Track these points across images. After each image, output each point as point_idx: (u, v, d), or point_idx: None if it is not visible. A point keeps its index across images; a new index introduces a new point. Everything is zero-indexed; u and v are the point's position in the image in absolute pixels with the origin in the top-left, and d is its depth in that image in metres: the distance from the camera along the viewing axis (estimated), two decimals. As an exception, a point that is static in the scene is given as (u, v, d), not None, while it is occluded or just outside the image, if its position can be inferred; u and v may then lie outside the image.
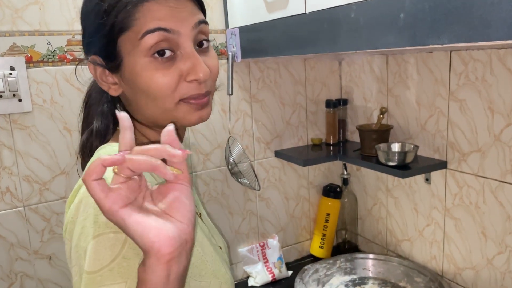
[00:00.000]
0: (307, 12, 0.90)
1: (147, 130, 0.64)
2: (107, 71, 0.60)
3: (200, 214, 0.72)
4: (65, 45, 1.02)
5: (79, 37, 1.03)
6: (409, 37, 0.66)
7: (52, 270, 1.07)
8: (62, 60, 1.02)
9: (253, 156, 1.32)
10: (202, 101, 0.60)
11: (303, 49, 0.93)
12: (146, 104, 0.59)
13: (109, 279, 0.47)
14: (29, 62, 0.99)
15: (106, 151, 0.60)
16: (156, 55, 0.56)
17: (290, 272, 1.36)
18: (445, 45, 0.62)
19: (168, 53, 0.56)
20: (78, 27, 1.03)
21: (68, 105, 1.04)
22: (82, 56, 0.97)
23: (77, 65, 0.75)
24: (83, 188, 0.52)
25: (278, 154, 1.35)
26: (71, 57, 1.03)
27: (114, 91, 0.61)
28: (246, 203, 1.34)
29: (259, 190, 1.23)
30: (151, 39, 0.55)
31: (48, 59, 1.01)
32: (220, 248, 0.74)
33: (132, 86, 0.58)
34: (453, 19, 0.59)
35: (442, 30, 0.61)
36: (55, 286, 1.08)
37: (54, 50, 1.01)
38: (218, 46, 1.22)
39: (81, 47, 0.64)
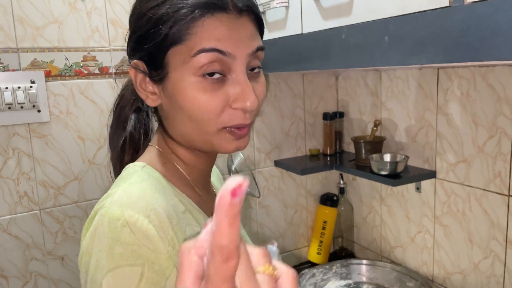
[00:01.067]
0: (303, 32, 0.98)
1: (179, 149, 0.61)
2: (148, 79, 0.57)
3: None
4: (81, 61, 1.11)
5: (93, 53, 1.12)
6: (392, 57, 0.74)
7: (64, 270, 1.14)
8: (78, 75, 1.11)
9: (253, 165, 1.39)
10: (244, 132, 0.56)
11: (300, 66, 1.01)
12: (184, 122, 0.56)
13: None
14: (48, 76, 1.08)
15: (140, 176, 0.55)
16: (206, 75, 0.53)
17: (288, 277, 1.42)
18: (425, 65, 0.70)
19: (218, 75, 0.53)
20: (93, 44, 1.12)
21: (82, 116, 1.13)
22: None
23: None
24: (98, 216, 0.49)
25: (278, 163, 1.42)
26: (86, 72, 1.12)
27: (151, 101, 0.58)
28: (246, 210, 1.41)
29: (259, 197, 1.30)
30: (204, 59, 0.52)
31: (65, 73, 1.10)
32: None
33: (173, 102, 0.55)
34: (429, 42, 0.67)
35: (421, 51, 0.69)
36: (67, 286, 1.15)
37: (71, 65, 1.10)
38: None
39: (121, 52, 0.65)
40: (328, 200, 1.47)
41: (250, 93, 0.53)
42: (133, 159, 0.64)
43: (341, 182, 1.48)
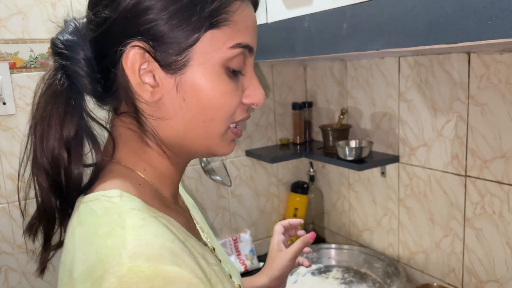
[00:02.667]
0: (268, 22, 1.01)
1: (157, 158, 0.51)
2: (156, 67, 0.46)
3: (214, 248, 0.61)
4: (47, 52, 1.10)
5: None
6: (351, 43, 0.78)
7: (34, 264, 1.13)
8: (44, 66, 1.10)
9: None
10: (240, 130, 0.53)
11: (266, 55, 1.04)
12: (194, 122, 0.48)
13: None
14: (13, 68, 1.06)
15: (134, 213, 0.43)
16: (229, 69, 0.47)
17: (261, 264, 1.45)
18: (386, 50, 0.73)
19: (237, 71, 0.49)
20: None
21: None
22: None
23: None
24: (112, 277, 0.37)
25: (249, 153, 1.45)
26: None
27: (150, 95, 0.46)
28: (219, 199, 1.43)
29: (230, 186, 1.32)
30: (237, 53, 0.47)
31: (30, 65, 1.09)
32: (231, 276, 0.60)
33: (186, 97, 0.46)
34: (384, 29, 0.71)
35: (376, 38, 0.72)
36: (38, 279, 1.14)
37: (36, 57, 1.09)
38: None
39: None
40: (298, 187, 1.51)
41: (261, 90, 0.51)
42: (76, 185, 0.49)
43: (311, 170, 1.52)
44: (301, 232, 0.87)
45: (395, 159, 1.21)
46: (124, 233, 0.40)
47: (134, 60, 0.45)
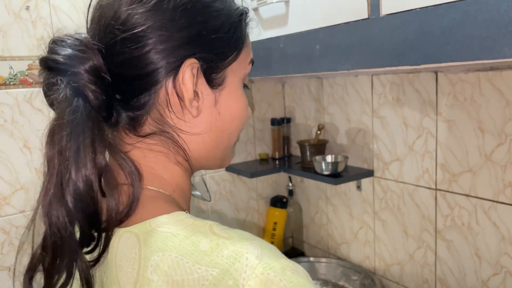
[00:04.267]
0: (246, 41, 1.04)
1: (183, 173, 0.52)
2: (202, 82, 0.48)
3: None
4: (26, 69, 1.11)
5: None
6: (323, 63, 0.82)
7: (11, 281, 1.12)
8: (24, 83, 1.11)
9: (204, 170, 1.43)
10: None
11: (244, 73, 1.07)
12: (222, 136, 0.51)
13: None
14: None
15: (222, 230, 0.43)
16: (243, 84, 0.53)
17: (241, 278, 1.46)
18: (357, 70, 0.77)
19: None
20: (38, 53, 1.12)
21: (28, 125, 1.12)
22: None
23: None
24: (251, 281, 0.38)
25: (229, 168, 1.47)
26: (31, 80, 1.12)
27: (196, 111, 0.48)
28: (198, 214, 1.44)
29: (210, 201, 1.34)
30: (250, 68, 0.53)
31: (10, 82, 1.09)
32: None
33: (221, 112, 0.50)
34: (354, 50, 0.75)
35: (347, 58, 0.76)
36: None
37: (16, 74, 1.10)
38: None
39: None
40: (278, 202, 1.53)
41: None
42: (113, 215, 0.45)
43: (290, 184, 1.55)
44: None
45: (370, 173, 1.25)
46: (234, 242, 0.41)
47: (188, 78, 0.46)
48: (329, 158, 1.28)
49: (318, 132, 1.35)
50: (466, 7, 0.57)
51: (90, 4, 0.48)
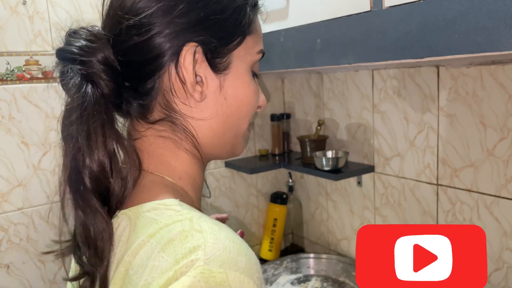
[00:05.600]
0: (245, 36, 1.03)
1: (196, 166, 0.53)
2: (206, 66, 0.48)
3: None
4: (23, 65, 1.10)
5: (36, 57, 1.11)
6: (325, 58, 0.81)
7: (10, 278, 1.11)
8: (21, 79, 1.09)
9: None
10: (249, 133, 0.57)
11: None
12: (229, 122, 0.51)
13: None
14: None
15: (205, 218, 0.44)
16: (252, 72, 0.53)
17: (241, 275, 1.46)
18: (358, 64, 0.76)
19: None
20: (36, 48, 1.11)
21: (25, 121, 1.11)
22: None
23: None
24: (189, 279, 0.38)
25: (228, 164, 1.46)
26: (28, 76, 1.11)
27: (199, 96, 0.48)
28: (198, 211, 1.43)
29: (209, 197, 1.33)
30: (259, 57, 0.53)
31: (7, 77, 1.08)
32: None
33: (227, 97, 0.50)
34: (356, 44, 0.74)
35: (348, 52, 0.75)
36: None
37: (13, 70, 1.08)
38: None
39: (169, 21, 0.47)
40: (278, 198, 1.53)
41: (262, 93, 0.56)
42: (117, 198, 0.47)
43: (290, 180, 1.54)
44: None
45: (370, 169, 1.24)
46: (203, 236, 0.41)
47: (188, 62, 0.46)
48: (329, 154, 1.27)
49: (318, 127, 1.34)
50: (470, -1, 0.56)
51: (104, 0, 0.50)
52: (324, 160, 1.21)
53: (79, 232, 0.45)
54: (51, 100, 1.13)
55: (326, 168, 1.20)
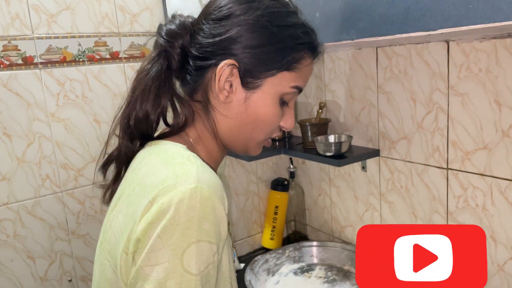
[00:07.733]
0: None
1: (211, 142, 0.67)
2: (237, 80, 0.62)
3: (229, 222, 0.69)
4: (93, 46, 1.15)
5: (104, 39, 1.17)
6: (325, 33, 0.73)
7: (87, 248, 1.20)
8: (91, 60, 1.15)
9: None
10: (270, 142, 0.72)
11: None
12: (246, 127, 0.64)
13: (202, 284, 0.53)
14: (63, 62, 1.11)
15: (200, 161, 0.58)
16: (282, 100, 0.64)
17: (242, 265, 1.41)
18: (362, 40, 0.69)
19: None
20: (103, 29, 1.16)
21: (96, 100, 1.17)
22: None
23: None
24: (183, 188, 0.52)
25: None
26: (98, 57, 1.16)
27: (224, 97, 0.63)
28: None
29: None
30: (293, 91, 0.64)
31: (79, 58, 1.14)
32: None
33: (251, 108, 0.63)
34: (358, 17, 0.66)
35: (350, 26, 0.68)
36: (90, 263, 1.20)
37: (84, 51, 1.14)
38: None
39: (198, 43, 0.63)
40: (279, 185, 1.47)
41: (293, 119, 0.69)
42: (152, 135, 0.67)
43: (291, 166, 1.48)
44: None
45: (375, 153, 1.18)
46: (195, 165, 0.56)
47: (224, 73, 0.61)
48: (331, 138, 1.20)
49: (320, 110, 1.27)
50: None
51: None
52: (326, 145, 1.15)
53: (116, 152, 0.66)
54: (118, 80, 1.20)
55: (329, 154, 1.13)
